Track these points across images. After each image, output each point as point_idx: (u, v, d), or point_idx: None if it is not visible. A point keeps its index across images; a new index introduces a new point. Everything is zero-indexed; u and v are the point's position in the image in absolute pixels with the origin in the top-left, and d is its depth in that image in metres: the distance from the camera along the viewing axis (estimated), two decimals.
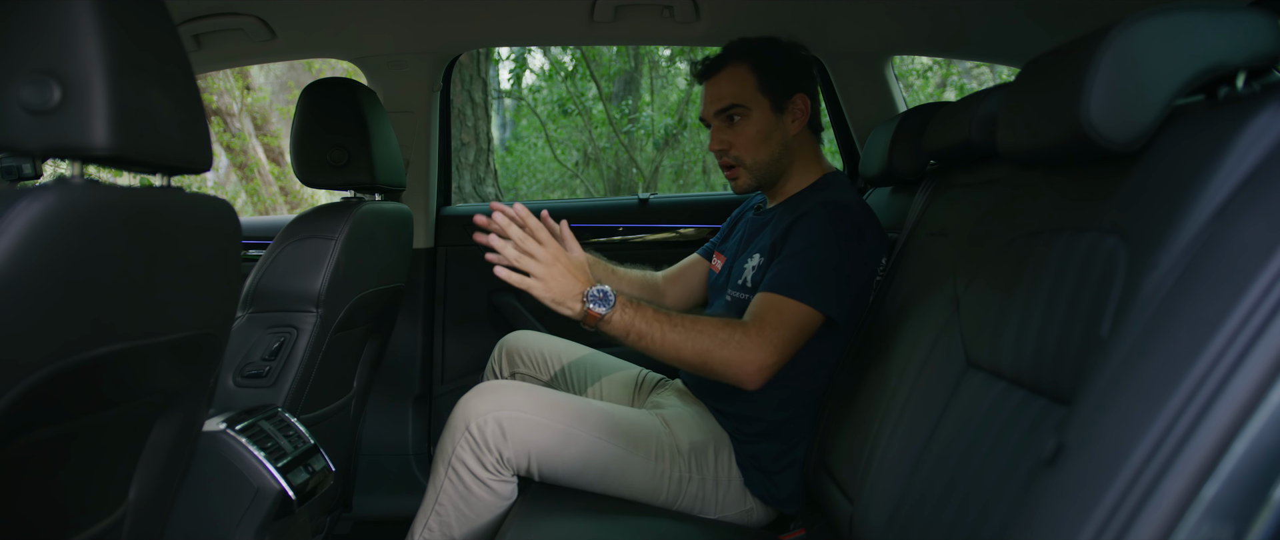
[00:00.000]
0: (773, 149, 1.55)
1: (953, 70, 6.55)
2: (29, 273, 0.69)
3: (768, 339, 1.32)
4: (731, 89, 1.54)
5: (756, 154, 1.55)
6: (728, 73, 1.55)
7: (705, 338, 1.31)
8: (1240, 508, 0.54)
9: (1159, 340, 0.62)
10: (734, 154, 1.56)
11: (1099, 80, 0.77)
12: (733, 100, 1.54)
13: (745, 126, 1.54)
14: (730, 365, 1.31)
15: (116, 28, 0.76)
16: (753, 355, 1.31)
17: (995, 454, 0.85)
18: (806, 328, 1.36)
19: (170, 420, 1.02)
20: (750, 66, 1.54)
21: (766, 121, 1.54)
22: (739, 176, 1.58)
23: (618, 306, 1.30)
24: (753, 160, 1.56)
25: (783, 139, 1.55)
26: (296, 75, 6.68)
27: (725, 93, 1.55)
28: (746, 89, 1.54)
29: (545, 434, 1.38)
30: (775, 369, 1.33)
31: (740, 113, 1.54)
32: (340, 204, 1.59)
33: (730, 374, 1.32)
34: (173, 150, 0.85)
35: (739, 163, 1.56)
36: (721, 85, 1.56)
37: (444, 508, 1.39)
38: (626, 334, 1.31)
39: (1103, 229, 0.79)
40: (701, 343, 1.31)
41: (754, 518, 1.50)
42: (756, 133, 1.54)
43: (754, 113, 1.54)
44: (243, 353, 1.46)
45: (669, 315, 1.33)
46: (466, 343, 2.28)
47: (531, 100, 7.20)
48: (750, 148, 1.55)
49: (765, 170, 1.57)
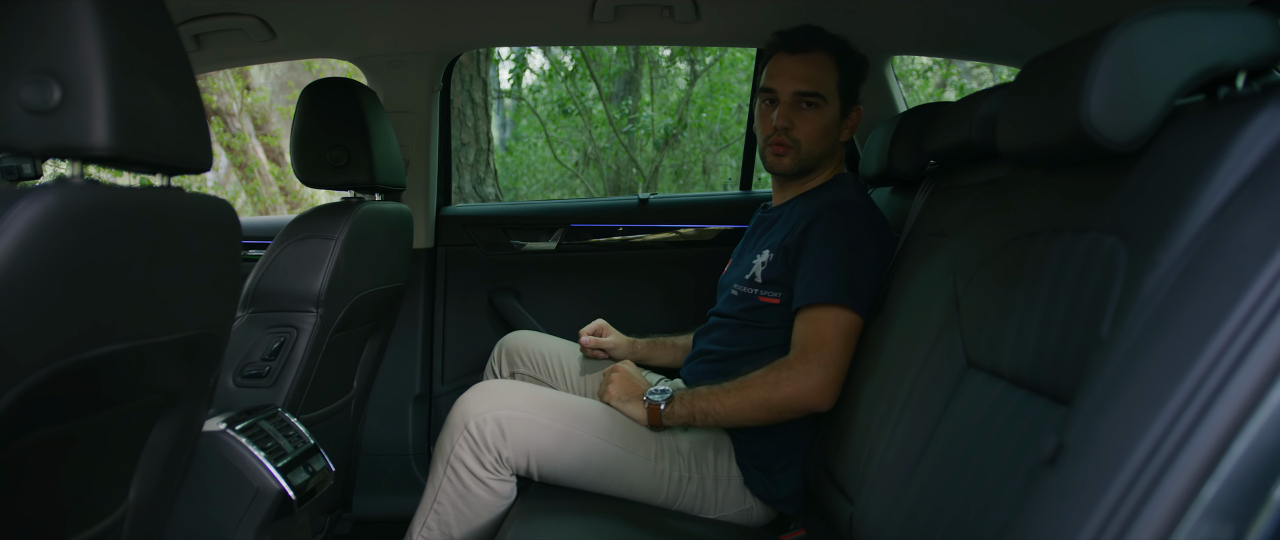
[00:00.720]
0: (827, 145, 1.57)
1: (953, 70, 6.54)
2: (29, 273, 0.69)
3: (815, 360, 1.37)
4: (819, 76, 1.54)
5: (814, 145, 1.55)
6: (818, 58, 1.55)
7: (758, 389, 1.39)
8: (1240, 508, 0.54)
9: (1159, 340, 0.62)
10: (794, 135, 1.55)
11: (1099, 80, 0.77)
12: (817, 88, 1.54)
13: (816, 116, 1.54)
14: (794, 401, 1.38)
15: (116, 28, 0.76)
16: (807, 382, 1.37)
17: (995, 454, 0.85)
18: (850, 330, 1.40)
19: (170, 420, 1.02)
20: (836, 61, 1.55)
21: (834, 118, 1.56)
22: (786, 157, 1.56)
23: (670, 402, 1.44)
24: (808, 149, 1.55)
25: (835, 140, 1.58)
26: (296, 75, 6.68)
27: (813, 77, 1.54)
28: (830, 81, 1.54)
29: (544, 433, 1.38)
30: (838, 382, 1.39)
31: (817, 102, 1.54)
32: (340, 204, 1.59)
33: (798, 407, 1.39)
34: (173, 150, 0.85)
35: (795, 145, 1.55)
36: (811, 68, 1.54)
37: (443, 506, 1.39)
38: (691, 421, 1.43)
39: (1103, 229, 0.79)
40: (757, 394, 1.39)
41: (754, 517, 1.50)
42: (823, 125, 1.55)
43: (829, 106, 1.55)
44: (243, 353, 1.46)
45: (721, 386, 1.41)
46: (466, 343, 2.28)
47: (531, 100, 7.20)
48: (813, 136, 1.55)
49: (813, 161, 1.58)
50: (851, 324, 1.39)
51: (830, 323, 1.38)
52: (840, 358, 1.38)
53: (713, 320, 1.64)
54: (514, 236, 2.30)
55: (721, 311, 1.62)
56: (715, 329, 1.61)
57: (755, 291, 1.51)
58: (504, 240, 2.30)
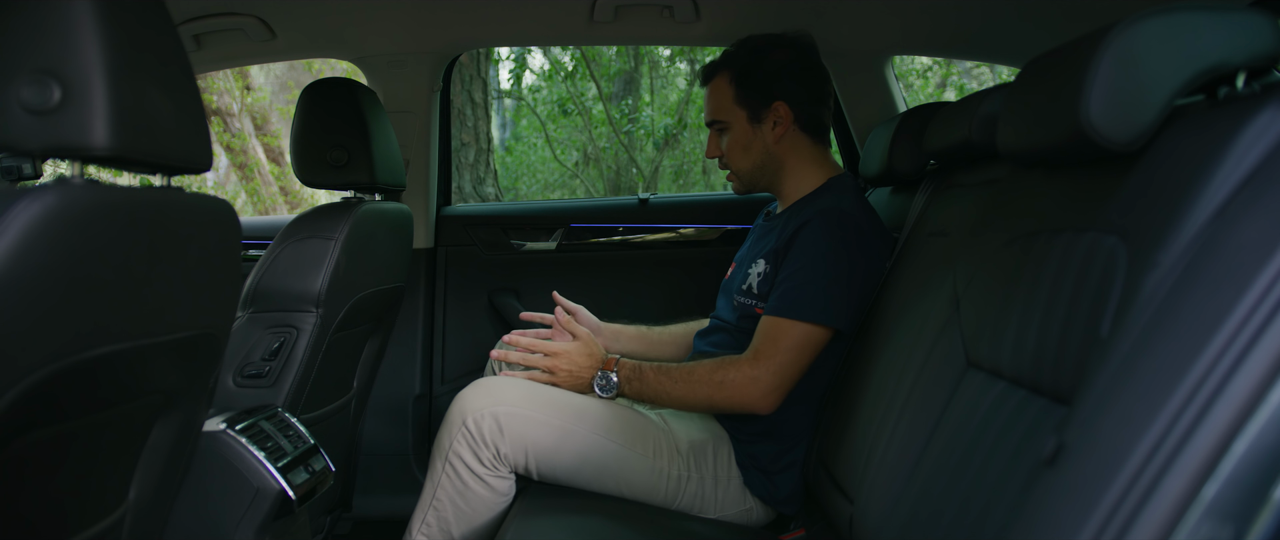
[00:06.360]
0: (754, 158, 1.58)
1: (953, 70, 6.54)
2: (29, 273, 0.69)
3: (764, 367, 1.38)
4: (712, 103, 1.60)
5: (743, 164, 1.60)
6: (715, 83, 1.59)
7: (704, 385, 1.41)
8: (1240, 508, 0.54)
9: (1159, 340, 0.62)
10: (727, 162, 1.62)
11: (1099, 80, 0.76)
12: (713, 115, 1.60)
13: (728, 140, 1.59)
14: (735, 402, 1.41)
15: (116, 28, 0.76)
16: (752, 388, 1.39)
17: (995, 454, 0.85)
18: (810, 344, 1.40)
19: (170, 420, 1.02)
20: (729, 77, 1.57)
21: (744, 133, 1.57)
22: (733, 181, 1.65)
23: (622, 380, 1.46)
24: (739, 168, 1.61)
25: (763, 148, 1.57)
26: (296, 75, 6.68)
27: (712, 106, 1.60)
28: (724, 103, 1.57)
29: (542, 430, 1.38)
30: (782, 389, 1.40)
31: (722, 126, 1.59)
32: (340, 204, 1.59)
33: (739, 408, 1.41)
34: (173, 150, 0.85)
35: (734, 170, 1.62)
36: (710, 98, 1.60)
37: (442, 503, 1.39)
38: (639, 397, 1.47)
39: (1103, 229, 0.79)
40: (701, 390, 1.42)
41: (753, 517, 1.50)
42: (735, 144, 1.59)
43: (733, 125, 1.58)
44: (243, 353, 1.46)
45: (667, 372, 1.44)
46: (466, 343, 2.28)
47: (531, 100, 7.20)
48: (736, 157, 1.60)
49: (752, 177, 1.61)
50: (814, 337, 1.40)
51: (790, 334, 1.39)
52: (791, 368, 1.39)
53: (713, 322, 1.64)
54: (514, 236, 2.30)
55: (721, 317, 1.62)
56: (715, 332, 1.61)
57: (752, 302, 1.51)
58: (504, 240, 2.30)
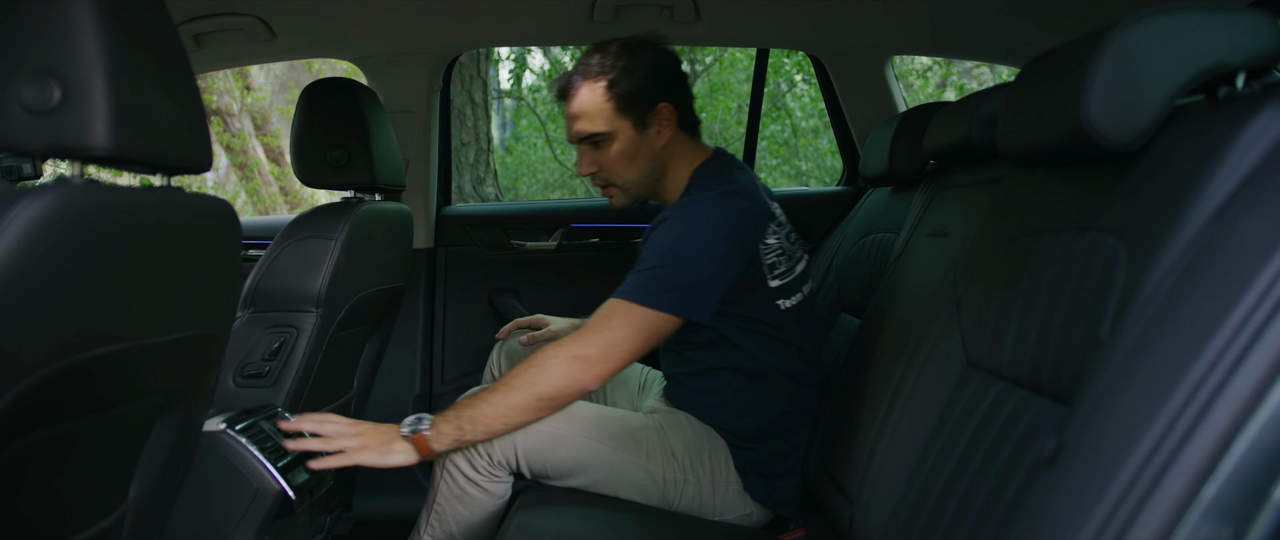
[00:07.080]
0: (642, 166, 1.49)
1: (953, 70, 6.55)
2: (29, 273, 0.69)
3: (587, 342, 1.32)
4: (586, 117, 1.46)
5: (629, 174, 1.49)
6: (584, 96, 1.46)
7: (524, 381, 1.31)
8: (1240, 508, 0.54)
9: (1159, 340, 0.62)
10: (604, 176, 1.51)
11: (1099, 80, 0.77)
12: (590, 129, 1.46)
13: (610, 149, 1.47)
14: (561, 382, 1.31)
15: (116, 28, 0.76)
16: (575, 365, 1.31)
17: (995, 454, 0.85)
18: (642, 327, 1.33)
19: (170, 420, 1.02)
20: (606, 87, 1.45)
21: (630, 142, 1.47)
22: (615, 196, 1.53)
23: (433, 423, 1.32)
24: (623, 180, 1.50)
25: (649, 155, 1.48)
26: (296, 75, 6.68)
27: (580, 123, 1.47)
28: (603, 114, 1.45)
29: (533, 435, 1.37)
30: (604, 362, 1.32)
31: (599, 139, 1.47)
32: (340, 204, 1.59)
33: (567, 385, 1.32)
34: (173, 150, 0.85)
35: (612, 183, 1.51)
36: (579, 111, 1.47)
37: (442, 507, 1.41)
38: (461, 436, 1.32)
39: (1103, 229, 0.79)
40: (522, 389, 1.31)
41: (753, 520, 1.49)
42: (619, 156, 1.47)
43: (617, 136, 1.46)
44: (243, 353, 1.46)
45: (480, 395, 1.33)
46: (466, 343, 2.28)
47: (531, 100, 7.20)
48: (620, 169, 1.49)
49: (639, 187, 1.51)
50: (650, 322, 1.33)
51: (621, 315, 1.33)
52: (619, 347, 1.32)
53: None
54: (514, 236, 2.30)
55: None
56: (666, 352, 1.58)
57: None
58: (504, 240, 2.30)
